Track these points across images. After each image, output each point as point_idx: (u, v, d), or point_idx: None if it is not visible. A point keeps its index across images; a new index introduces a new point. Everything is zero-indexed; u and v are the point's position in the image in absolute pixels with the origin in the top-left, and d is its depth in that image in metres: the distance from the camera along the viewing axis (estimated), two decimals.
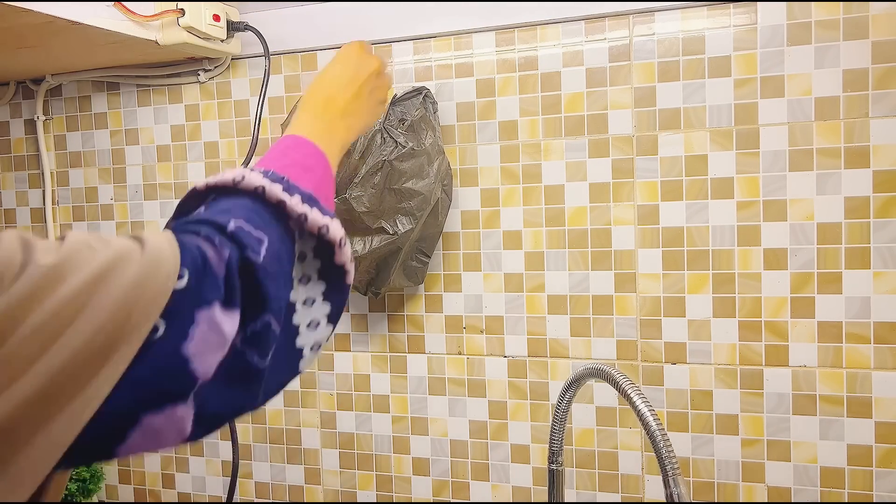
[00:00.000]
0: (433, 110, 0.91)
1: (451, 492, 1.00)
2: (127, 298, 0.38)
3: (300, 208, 0.51)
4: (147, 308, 0.39)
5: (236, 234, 0.46)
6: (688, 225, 0.88)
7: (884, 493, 0.83)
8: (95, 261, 0.39)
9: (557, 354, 0.94)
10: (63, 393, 0.36)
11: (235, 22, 0.99)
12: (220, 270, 0.44)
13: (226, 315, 0.43)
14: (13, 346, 0.35)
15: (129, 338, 0.38)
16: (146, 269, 0.40)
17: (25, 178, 1.18)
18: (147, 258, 0.40)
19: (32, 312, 0.35)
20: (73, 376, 0.37)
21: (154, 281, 0.40)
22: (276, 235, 0.50)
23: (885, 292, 0.82)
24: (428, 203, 0.88)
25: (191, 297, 0.41)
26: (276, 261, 0.48)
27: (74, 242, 0.39)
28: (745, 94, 0.85)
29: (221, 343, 0.42)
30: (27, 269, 0.36)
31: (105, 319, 0.37)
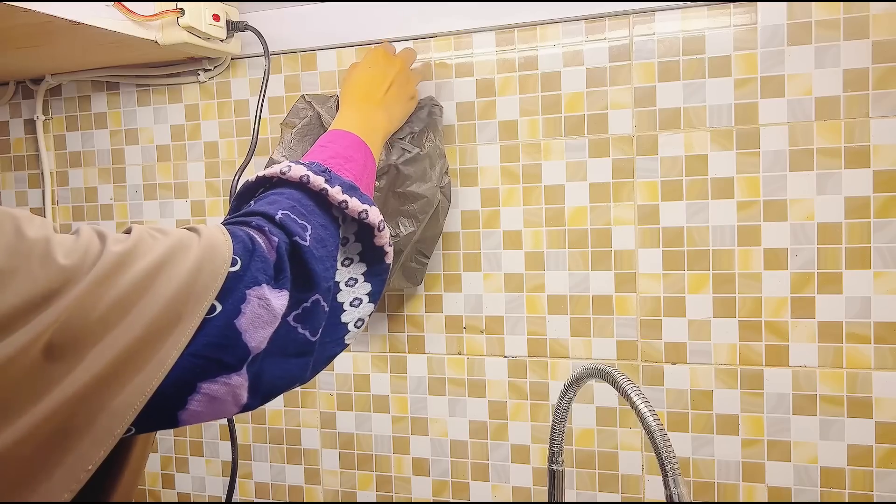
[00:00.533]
0: (439, 113, 0.91)
1: (451, 492, 1.00)
2: (186, 280, 0.44)
3: (340, 196, 0.56)
4: (205, 289, 0.45)
5: (284, 221, 0.52)
6: (688, 225, 0.88)
7: (884, 493, 0.83)
8: (159, 248, 0.45)
9: (557, 354, 0.94)
10: (135, 361, 0.42)
11: (235, 22, 0.99)
12: (270, 254, 0.49)
13: (275, 293, 0.48)
14: (95, 318, 0.40)
15: (189, 315, 0.44)
16: (202, 256, 0.45)
17: (25, 178, 1.18)
18: (203, 246, 0.46)
19: (109, 291, 0.41)
20: (143, 346, 0.42)
21: (210, 265, 0.45)
22: (320, 222, 0.55)
23: (885, 292, 0.82)
24: (430, 205, 0.88)
25: (242, 278, 0.47)
26: (320, 245, 0.54)
27: (140, 233, 0.46)
28: (745, 94, 0.85)
29: (271, 319, 0.47)
30: (103, 255, 0.42)
31: (168, 298, 0.43)
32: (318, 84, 1.01)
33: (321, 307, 0.52)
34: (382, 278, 0.60)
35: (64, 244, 0.41)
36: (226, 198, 1.07)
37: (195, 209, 1.09)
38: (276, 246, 0.50)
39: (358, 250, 0.59)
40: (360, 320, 0.58)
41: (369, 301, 0.58)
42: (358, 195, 0.58)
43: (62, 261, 0.40)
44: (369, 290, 0.59)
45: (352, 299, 0.57)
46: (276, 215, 0.52)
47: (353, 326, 0.57)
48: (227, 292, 0.46)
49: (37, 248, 0.39)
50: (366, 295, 0.58)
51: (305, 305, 0.51)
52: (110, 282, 0.41)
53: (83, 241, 0.42)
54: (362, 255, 0.59)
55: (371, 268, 0.59)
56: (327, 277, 0.53)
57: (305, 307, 0.51)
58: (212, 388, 0.45)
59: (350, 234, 0.59)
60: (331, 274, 0.54)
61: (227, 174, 1.07)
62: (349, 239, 0.59)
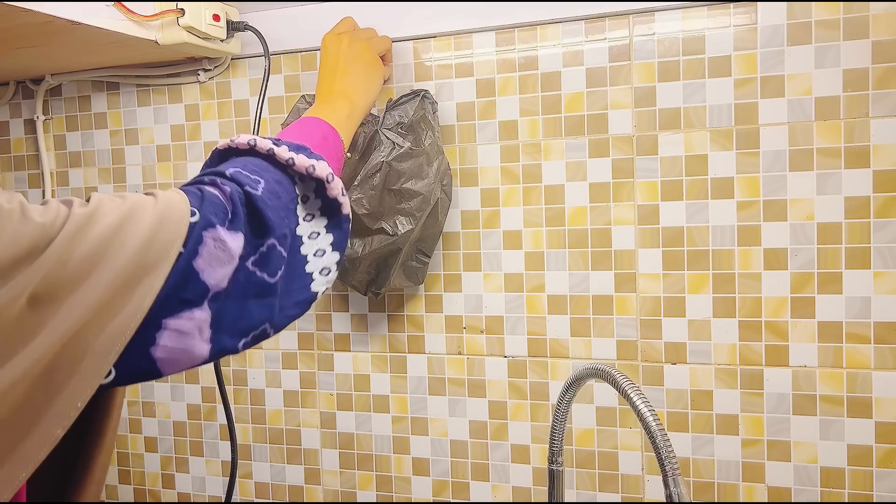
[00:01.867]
0: (432, 110, 0.91)
1: (451, 492, 1.00)
2: (150, 231, 0.48)
3: (286, 154, 0.61)
4: (170, 238, 0.49)
5: (235, 176, 0.57)
6: (688, 225, 0.88)
7: (884, 493, 0.83)
8: (121, 207, 0.49)
9: (557, 354, 0.94)
10: (112, 306, 0.46)
11: (235, 22, 0.99)
12: (224, 200, 0.54)
13: (230, 234, 0.53)
14: (71, 269, 0.45)
15: (157, 263, 0.48)
16: (163, 210, 0.50)
17: (25, 178, 1.18)
18: (161, 202, 0.51)
19: (80, 245, 0.45)
20: (118, 293, 0.46)
21: (170, 217, 0.50)
22: (273, 177, 0.60)
23: (885, 292, 0.82)
24: (427, 203, 0.88)
25: (200, 223, 0.51)
26: (273, 196, 0.58)
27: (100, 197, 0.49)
28: (745, 93, 0.85)
29: (228, 258, 0.52)
30: (70, 215, 0.46)
31: (135, 248, 0.47)
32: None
33: (277, 251, 0.57)
34: (343, 228, 0.65)
35: (36, 208, 0.45)
36: None
37: None
38: (229, 194, 0.55)
39: (318, 206, 0.64)
40: (326, 269, 0.63)
41: (333, 250, 0.64)
42: (306, 153, 0.62)
43: (38, 219, 0.44)
44: (331, 241, 0.64)
45: (315, 250, 0.62)
46: (227, 171, 0.57)
47: (319, 274, 0.62)
48: (187, 239, 0.50)
49: (14, 212, 0.43)
50: (328, 245, 0.63)
51: (262, 250, 0.55)
52: (81, 236, 0.46)
53: (52, 205, 0.47)
54: (322, 209, 0.64)
55: (331, 220, 0.64)
56: (281, 225, 0.58)
57: (262, 252, 0.55)
58: (178, 323, 0.50)
59: (309, 191, 0.63)
60: (285, 223, 0.59)
61: None
62: (309, 196, 0.63)
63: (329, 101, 0.80)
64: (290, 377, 1.06)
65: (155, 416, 1.14)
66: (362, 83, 0.84)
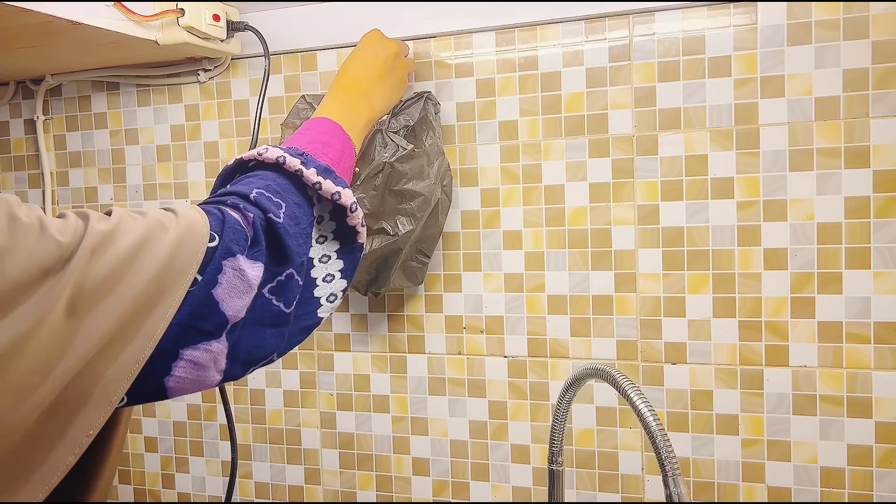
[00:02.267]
0: (434, 112, 0.91)
1: (451, 492, 1.00)
2: (168, 255, 0.47)
3: (315, 178, 0.59)
4: (187, 263, 0.48)
5: (258, 199, 0.55)
6: (688, 225, 0.88)
7: (884, 493, 0.83)
8: (140, 227, 0.47)
9: (557, 354, 0.94)
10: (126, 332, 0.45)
11: (235, 22, 0.99)
12: (246, 228, 0.53)
13: (249, 264, 0.51)
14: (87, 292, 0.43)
15: (173, 287, 0.47)
16: (182, 233, 0.49)
17: (25, 178, 1.18)
18: (181, 224, 0.49)
19: (97, 266, 0.44)
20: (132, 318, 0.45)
21: (189, 241, 0.49)
22: (294, 200, 0.58)
23: (885, 292, 0.82)
24: (428, 204, 0.88)
25: (219, 250, 0.50)
26: (294, 222, 0.57)
27: (120, 214, 0.48)
28: (745, 94, 0.85)
29: (247, 288, 0.51)
30: (87, 232, 0.45)
31: (153, 272, 0.46)
32: (318, 84, 1.01)
33: (295, 280, 0.56)
34: (355, 256, 0.63)
35: (55, 223, 0.44)
36: None
37: None
38: (251, 221, 0.53)
39: (332, 228, 0.62)
40: (333, 295, 0.61)
41: (342, 277, 0.62)
42: (332, 177, 0.61)
43: (58, 237, 0.43)
44: (342, 267, 0.62)
45: (325, 275, 0.61)
46: (251, 194, 0.55)
47: (326, 301, 0.60)
48: (205, 265, 0.49)
49: (33, 228, 0.42)
50: (338, 271, 0.62)
51: (280, 279, 0.54)
52: (97, 257, 0.44)
53: (70, 220, 0.45)
54: (336, 233, 0.63)
55: (344, 246, 0.63)
56: (300, 253, 0.57)
57: (280, 280, 0.54)
58: (194, 354, 0.49)
59: (325, 212, 0.62)
60: (304, 250, 0.57)
61: None
62: (324, 217, 0.62)
63: (352, 100, 0.77)
64: (290, 377, 1.06)
65: (155, 416, 1.14)
66: (387, 96, 0.82)
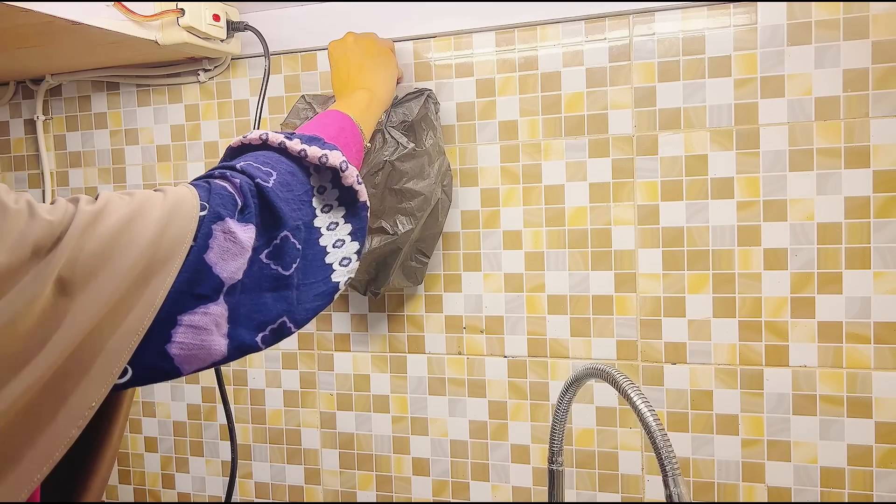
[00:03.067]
0: (435, 111, 0.91)
1: (451, 492, 1.00)
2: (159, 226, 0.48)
3: (298, 146, 0.60)
4: (180, 232, 0.49)
5: (245, 168, 0.57)
6: (688, 225, 0.88)
7: (884, 493, 0.83)
8: (129, 204, 0.49)
9: (557, 354, 0.94)
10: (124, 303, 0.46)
11: (235, 22, 0.99)
12: (233, 191, 0.54)
13: (240, 226, 0.52)
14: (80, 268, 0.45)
15: (168, 258, 0.48)
16: (172, 205, 0.50)
17: (25, 178, 1.18)
18: (170, 199, 0.50)
19: (88, 242, 0.45)
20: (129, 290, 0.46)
21: (180, 211, 0.50)
22: (286, 169, 0.59)
23: (885, 292, 0.82)
24: (428, 203, 0.88)
25: (208, 216, 0.51)
26: (285, 188, 0.58)
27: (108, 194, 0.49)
28: (745, 94, 0.85)
29: (240, 250, 0.52)
30: (77, 214, 0.46)
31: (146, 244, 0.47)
32: (318, 84, 1.01)
33: (291, 243, 0.56)
34: (361, 216, 0.64)
35: (44, 207, 0.45)
36: None
37: None
38: (238, 185, 0.54)
39: (336, 196, 0.63)
40: (347, 259, 0.62)
41: (353, 239, 0.63)
42: (318, 144, 0.62)
43: (47, 217, 0.44)
44: (350, 230, 0.63)
45: (335, 241, 0.62)
46: (238, 164, 0.57)
47: (339, 265, 0.61)
48: (198, 232, 0.50)
49: (21, 213, 0.43)
50: (348, 234, 0.63)
51: (276, 242, 0.55)
52: (90, 232, 0.45)
53: (60, 203, 0.47)
54: (340, 199, 0.63)
55: (349, 209, 0.64)
56: (294, 217, 0.57)
57: (276, 244, 0.55)
58: (192, 318, 0.49)
59: (326, 182, 0.63)
60: (298, 214, 0.58)
61: None
62: (326, 187, 0.63)
63: (346, 95, 0.80)
64: (290, 377, 1.06)
65: (155, 416, 1.14)
66: (379, 72, 0.84)
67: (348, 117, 0.73)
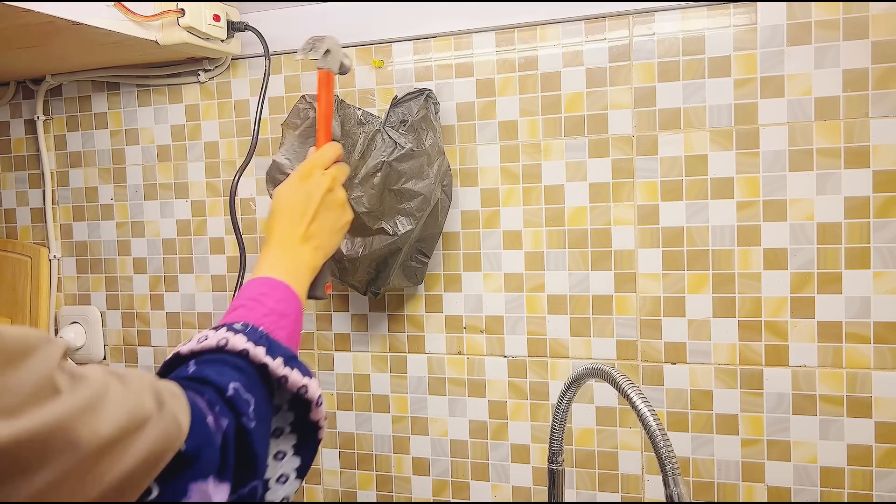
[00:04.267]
0: (435, 111, 0.91)
1: (451, 492, 1.00)
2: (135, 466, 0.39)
3: (281, 371, 0.54)
4: (148, 471, 0.40)
5: (234, 399, 0.49)
6: (688, 225, 0.88)
7: (884, 493, 0.83)
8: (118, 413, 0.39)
9: (557, 354, 0.94)
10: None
11: (235, 22, 0.99)
12: (218, 439, 0.46)
13: (217, 486, 0.45)
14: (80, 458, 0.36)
15: (126, 495, 0.39)
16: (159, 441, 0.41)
17: (25, 178, 1.18)
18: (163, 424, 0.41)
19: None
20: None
21: (162, 455, 0.41)
22: (261, 395, 0.52)
23: (885, 292, 0.82)
24: (428, 203, 0.88)
25: (190, 467, 0.43)
26: (261, 423, 0.51)
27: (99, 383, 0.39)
28: (745, 94, 0.85)
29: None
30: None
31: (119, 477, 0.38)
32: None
33: (256, 494, 0.49)
34: (313, 453, 0.57)
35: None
36: (226, 198, 1.07)
37: (195, 209, 1.09)
38: (224, 429, 0.47)
39: (290, 420, 0.56)
40: (287, 497, 0.55)
41: (296, 477, 0.55)
42: (299, 367, 0.56)
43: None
44: (297, 465, 0.56)
45: (278, 475, 0.54)
46: (227, 391, 0.50)
47: (275, 482, 0.54)
48: (168, 481, 0.42)
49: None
50: (294, 470, 0.55)
51: (242, 492, 0.48)
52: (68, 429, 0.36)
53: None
54: (294, 426, 0.57)
55: (302, 440, 0.57)
56: (265, 457, 0.51)
57: (242, 494, 0.48)
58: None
59: (283, 401, 0.56)
60: (267, 453, 0.52)
61: (227, 174, 1.07)
62: (282, 407, 0.56)
63: (293, 249, 0.71)
64: None
65: None
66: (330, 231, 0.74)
67: (300, 304, 0.66)
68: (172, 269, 1.11)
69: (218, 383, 0.50)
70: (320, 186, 0.74)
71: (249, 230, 1.06)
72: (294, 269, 0.69)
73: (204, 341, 0.54)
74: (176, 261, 1.10)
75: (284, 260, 0.69)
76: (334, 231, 0.75)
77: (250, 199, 1.06)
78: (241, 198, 1.06)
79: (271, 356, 0.54)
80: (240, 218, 1.05)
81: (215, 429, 0.47)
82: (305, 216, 0.72)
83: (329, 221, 0.74)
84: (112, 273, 1.14)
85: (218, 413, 0.48)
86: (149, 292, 1.12)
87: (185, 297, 1.10)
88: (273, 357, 0.54)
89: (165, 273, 1.11)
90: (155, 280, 1.12)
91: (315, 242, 0.72)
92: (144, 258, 1.12)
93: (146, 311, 1.13)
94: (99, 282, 1.15)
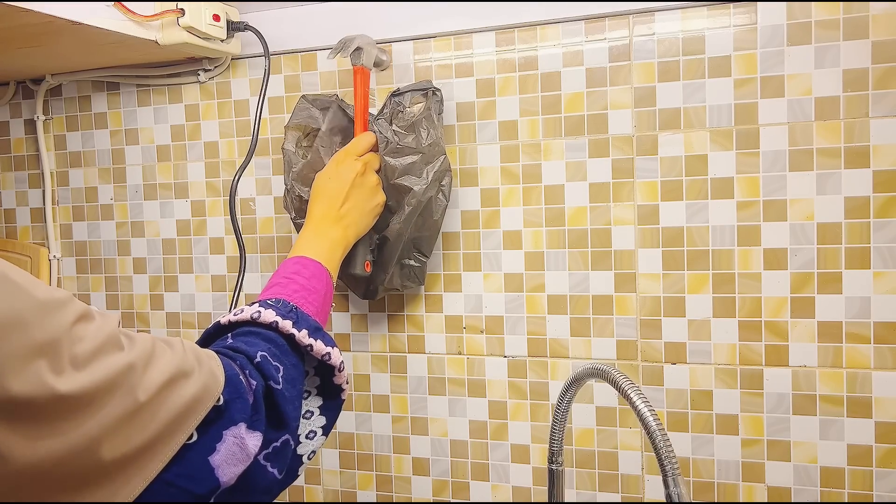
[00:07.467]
0: (437, 110, 0.91)
1: (451, 492, 1.00)
2: (181, 410, 0.47)
3: (307, 340, 0.61)
4: (190, 420, 0.47)
5: (262, 364, 0.56)
6: (688, 225, 0.88)
7: (884, 493, 0.83)
8: (166, 368, 0.47)
9: (557, 354, 0.94)
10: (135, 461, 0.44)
11: (235, 22, 0.99)
12: (249, 397, 0.53)
13: (250, 433, 0.51)
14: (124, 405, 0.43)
15: (173, 436, 0.46)
16: (200, 390, 0.48)
17: (25, 178, 1.18)
18: (203, 378, 0.49)
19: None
20: (151, 445, 0.45)
21: (202, 402, 0.48)
22: (291, 362, 0.60)
23: (885, 292, 0.82)
24: (417, 198, 0.87)
25: (222, 416, 0.50)
26: (291, 385, 0.58)
27: (148, 347, 0.47)
28: (745, 94, 0.85)
29: (245, 457, 0.51)
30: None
31: (165, 418, 0.46)
32: (318, 84, 1.01)
33: (289, 446, 0.56)
34: (336, 413, 0.65)
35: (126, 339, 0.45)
36: (225, 198, 1.07)
37: (195, 209, 1.09)
38: (254, 388, 0.54)
39: (316, 384, 0.64)
40: (313, 452, 0.62)
41: (322, 434, 0.62)
42: (322, 337, 0.63)
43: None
44: (323, 424, 0.63)
45: (307, 432, 0.61)
46: (256, 358, 0.57)
47: (307, 458, 0.61)
48: (206, 425, 0.49)
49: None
50: (320, 427, 0.63)
51: (276, 445, 0.55)
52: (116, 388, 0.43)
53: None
54: (320, 388, 0.64)
55: (327, 402, 0.64)
56: (296, 416, 0.58)
57: (275, 447, 0.55)
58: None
59: (311, 367, 0.63)
60: (299, 413, 0.59)
61: (227, 174, 1.07)
62: (309, 372, 0.63)
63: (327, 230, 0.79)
64: None
65: None
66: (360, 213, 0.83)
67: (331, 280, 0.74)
68: (172, 269, 1.11)
69: (247, 352, 0.57)
70: (352, 170, 0.82)
71: (249, 230, 1.06)
72: (327, 248, 0.77)
73: (240, 314, 0.62)
74: (176, 261, 1.10)
75: (318, 240, 0.78)
76: (366, 212, 0.83)
77: (250, 199, 1.06)
78: (240, 198, 1.06)
79: (297, 328, 0.61)
80: (239, 218, 1.05)
81: (246, 386, 0.53)
82: (339, 197, 0.81)
83: (360, 202, 0.82)
84: (112, 273, 1.14)
85: (248, 374, 0.54)
86: (149, 292, 1.12)
87: (184, 297, 1.10)
88: (299, 329, 0.61)
89: (165, 273, 1.11)
90: (155, 280, 1.12)
91: (346, 221, 0.81)
92: (144, 258, 1.12)
93: (146, 311, 1.13)
94: (99, 282, 1.15)
